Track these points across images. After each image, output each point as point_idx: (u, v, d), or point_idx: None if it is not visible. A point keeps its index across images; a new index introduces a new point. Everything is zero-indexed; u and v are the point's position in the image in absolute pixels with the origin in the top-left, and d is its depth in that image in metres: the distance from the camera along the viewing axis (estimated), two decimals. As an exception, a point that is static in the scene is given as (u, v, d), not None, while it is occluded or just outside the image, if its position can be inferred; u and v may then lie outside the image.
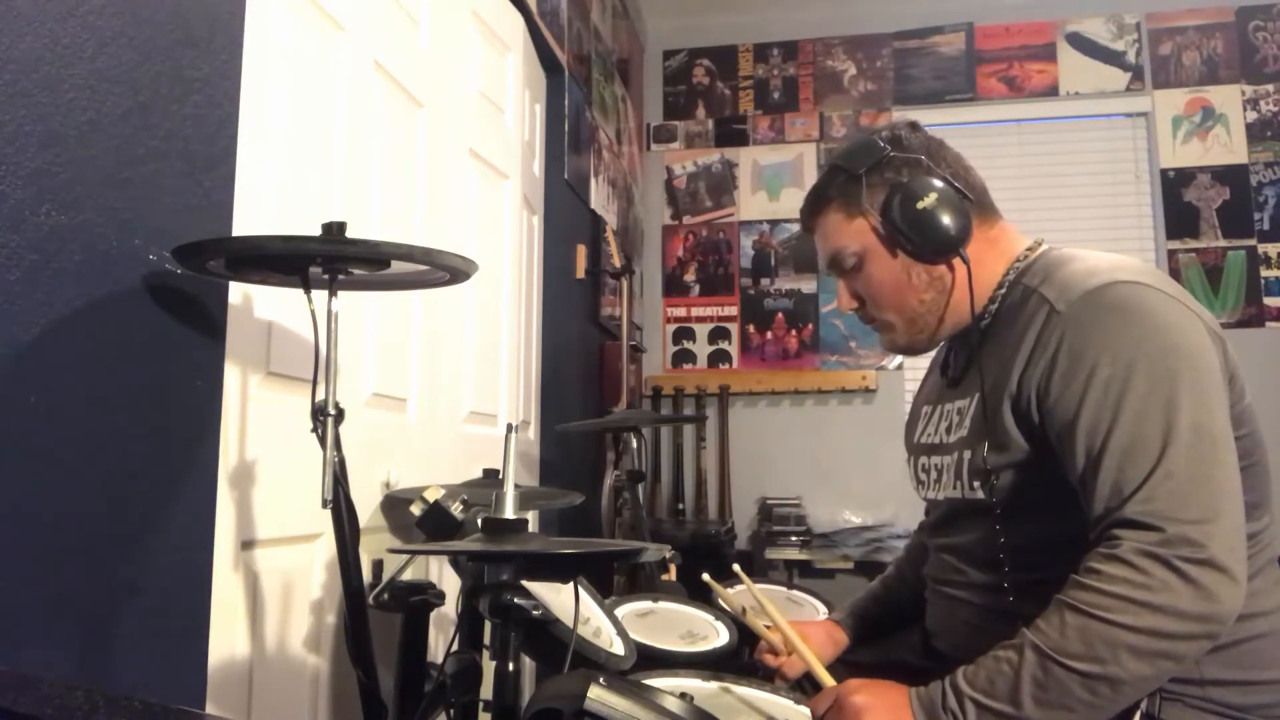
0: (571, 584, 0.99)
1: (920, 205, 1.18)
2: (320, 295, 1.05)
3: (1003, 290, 1.22)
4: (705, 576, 1.51)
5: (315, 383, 1.04)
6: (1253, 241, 3.75)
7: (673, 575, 2.08)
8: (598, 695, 0.74)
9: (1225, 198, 3.79)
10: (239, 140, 1.23)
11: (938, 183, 1.19)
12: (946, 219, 1.18)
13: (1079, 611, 0.96)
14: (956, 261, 1.21)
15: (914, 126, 1.27)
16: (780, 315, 4.06)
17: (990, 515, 1.16)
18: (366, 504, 1.55)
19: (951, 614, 1.27)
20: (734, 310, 4.11)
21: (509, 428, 0.92)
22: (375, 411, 1.64)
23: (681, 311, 4.15)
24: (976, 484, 1.17)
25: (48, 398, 0.92)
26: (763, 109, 4.20)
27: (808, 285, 4.05)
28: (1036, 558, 1.12)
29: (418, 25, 1.87)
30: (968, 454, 1.19)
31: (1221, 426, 1.02)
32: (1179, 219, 3.80)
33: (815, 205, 1.29)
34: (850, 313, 1.32)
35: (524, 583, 0.88)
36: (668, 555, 1.97)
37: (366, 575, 1.15)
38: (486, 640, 1.04)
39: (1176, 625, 0.94)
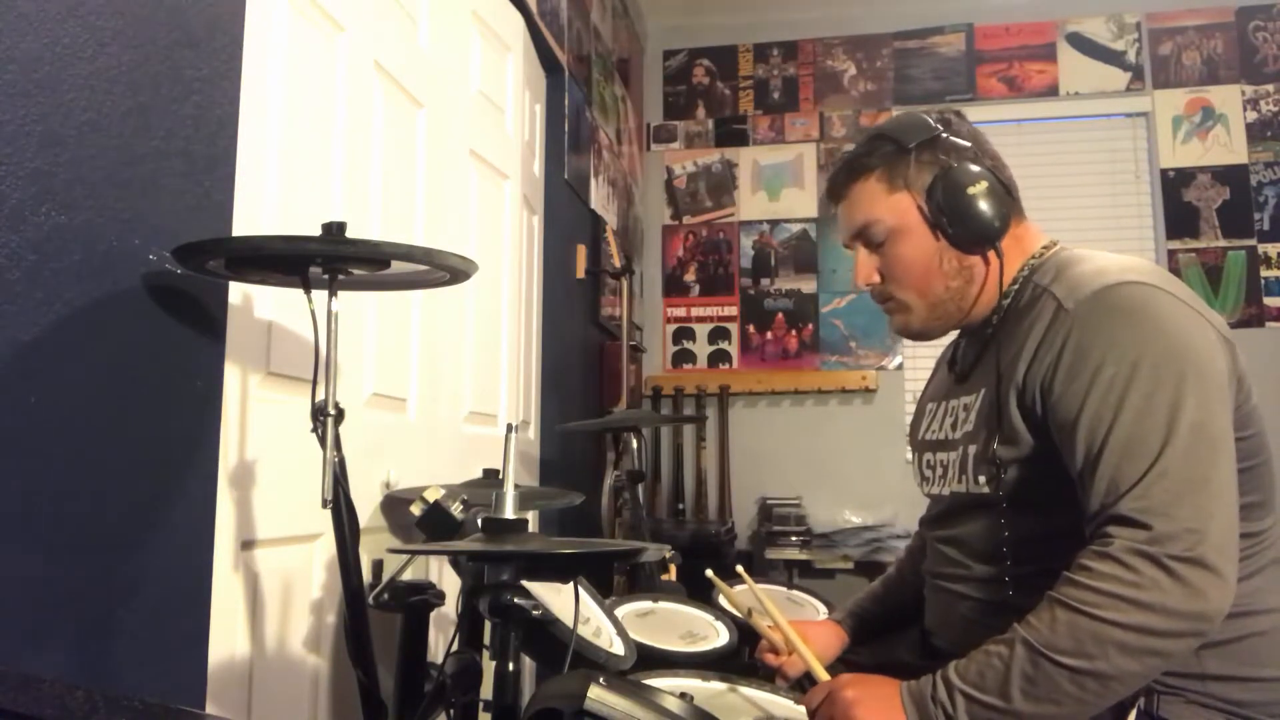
0: (571, 584, 0.99)
1: (970, 191, 1.17)
2: (320, 295, 1.05)
3: (1015, 286, 1.22)
4: (709, 573, 1.52)
5: (315, 383, 1.04)
6: (1253, 241, 3.75)
7: (673, 575, 2.08)
8: (598, 695, 0.74)
9: (1225, 198, 3.79)
10: (239, 140, 1.23)
11: (985, 171, 1.19)
12: (991, 210, 1.17)
13: (1069, 608, 0.97)
14: (991, 253, 1.21)
15: (960, 115, 1.27)
16: (780, 315, 4.05)
17: (994, 509, 1.17)
18: (366, 504, 1.55)
19: (950, 608, 1.27)
20: (734, 310, 4.11)
21: (509, 428, 0.92)
22: (375, 411, 1.64)
23: (681, 311, 4.15)
24: (982, 478, 1.17)
25: (48, 398, 0.92)
26: (763, 109, 4.20)
27: (808, 285, 4.05)
28: (1039, 550, 1.12)
29: (418, 25, 1.87)
30: (973, 449, 1.20)
31: (1221, 429, 1.02)
32: (1179, 219, 3.80)
33: (853, 171, 1.25)
34: (866, 288, 1.29)
35: (524, 583, 0.88)
36: (668, 555, 1.97)
37: (366, 575, 1.15)
38: (486, 640, 1.04)
39: (1165, 623, 0.95)
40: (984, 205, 1.17)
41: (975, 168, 1.19)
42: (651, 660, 1.35)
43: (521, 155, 2.42)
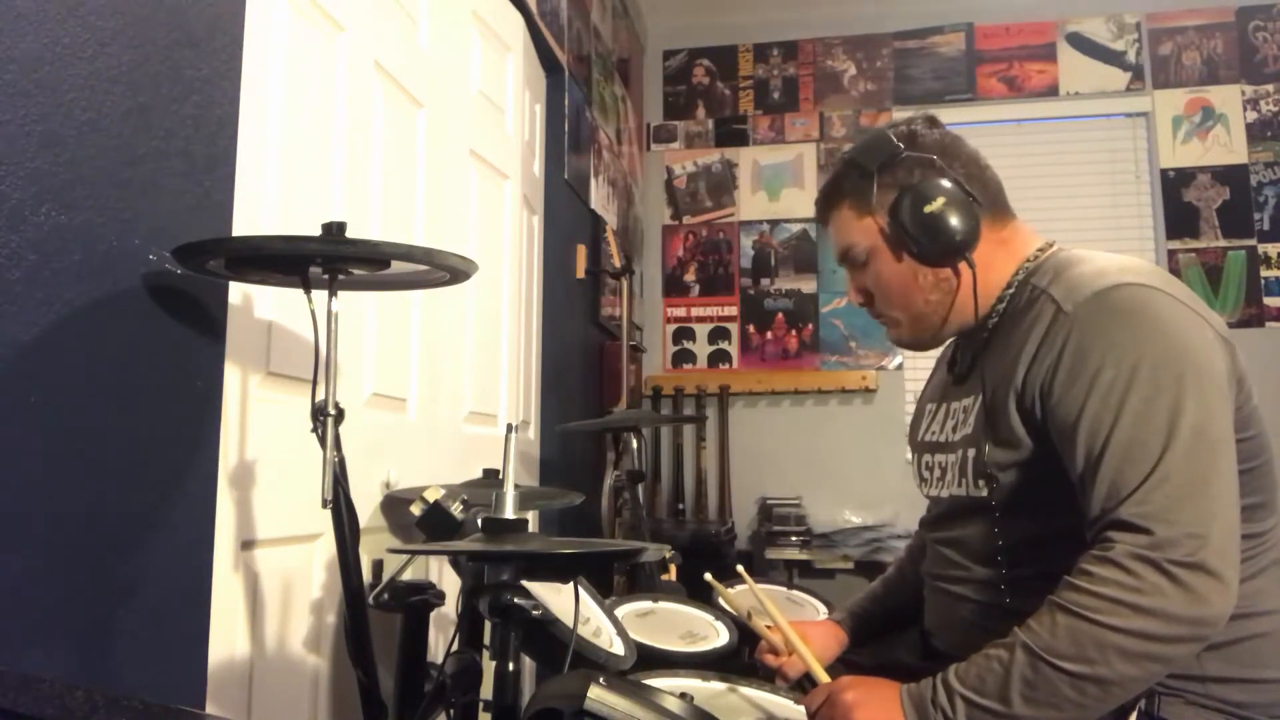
0: (571, 584, 0.99)
1: (928, 209, 1.18)
2: (320, 295, 1.05)
3: (1011, 290, 1.22)
4: (708, 576, 1.51)
5: (315, 383, 1.04)
6: (1253, 241, 3.75)
7: (673, 575, 2.08)
8: (598, 695, 0.74)
9: (1225, 198, 3.79)
10: (239, 140, 1.23)
11: (947, 185, 1.19)
12: (953, 223, 1.18)
13: (1069, 612, 0.97)
14: (963, 264, 1.21)
15: (932, 122, 1.27)
16: (780, 315, 4.05)
17: (989, 512, 1.17)
18: (366, 504, 1.55)
19: (950, 610, 1.27)
20: (734, 310, 4.11)
21: (509, 428, 0.92)
22: (375, 411, 1.64)
23: (681, 311, 4.15)
24: (981, 482, 1.17)
25: (48, 398, 0.92)
26: (763, 109, 4.20)
27: (808, 285, 4.05)
28: (1037, 554, 1.12)
29: (418, 25, 1.87)
30: (972, 452, 1.19)
31: (1222, 431, 1.02)
32: (1179, 219, 3.80)
33: (828, 200, 1.30)
34: (859, 306, 1.33)
35: (524, 583, 0.88)
36: (668, 555, 1.97)
37: (366, 575, 1.15)
38: (486, 640, 1.04)
39: (1166, 628, 0.94)
40: (948, 220, 1.18)
41: (944, 182, 1.19)
42: (651, 660, 1.35)
43: (521, 155, 2.42)
